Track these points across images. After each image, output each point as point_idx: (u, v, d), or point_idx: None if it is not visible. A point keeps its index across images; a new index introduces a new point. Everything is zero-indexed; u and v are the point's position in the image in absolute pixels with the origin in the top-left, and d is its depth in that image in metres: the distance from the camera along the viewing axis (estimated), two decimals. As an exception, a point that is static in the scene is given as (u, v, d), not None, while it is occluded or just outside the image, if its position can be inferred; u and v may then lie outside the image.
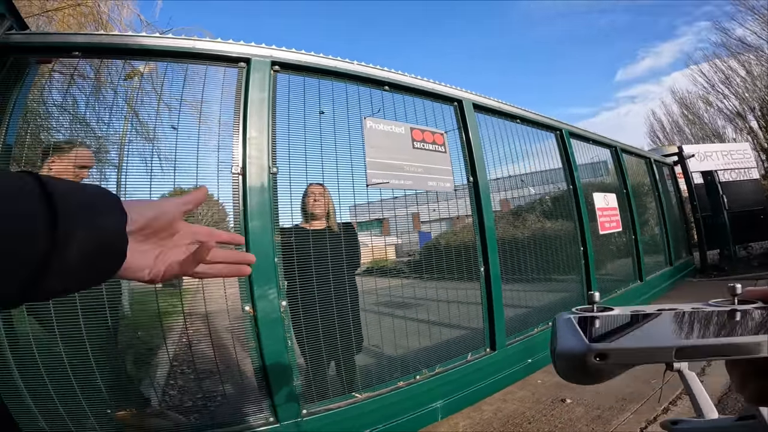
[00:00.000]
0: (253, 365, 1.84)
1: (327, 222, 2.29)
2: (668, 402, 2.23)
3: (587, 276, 3.78)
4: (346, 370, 2.09)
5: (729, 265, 6.72)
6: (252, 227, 1.84)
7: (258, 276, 1.83)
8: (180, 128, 1.81)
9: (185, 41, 1.84)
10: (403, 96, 2.49)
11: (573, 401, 2.41)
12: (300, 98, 2.05)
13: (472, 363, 2.53)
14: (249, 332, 1.82)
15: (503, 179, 3.22)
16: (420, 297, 2.47)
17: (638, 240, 4.95)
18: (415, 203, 2.52)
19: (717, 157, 7.26)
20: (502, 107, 3.19)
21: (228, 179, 1.89)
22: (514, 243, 3.17)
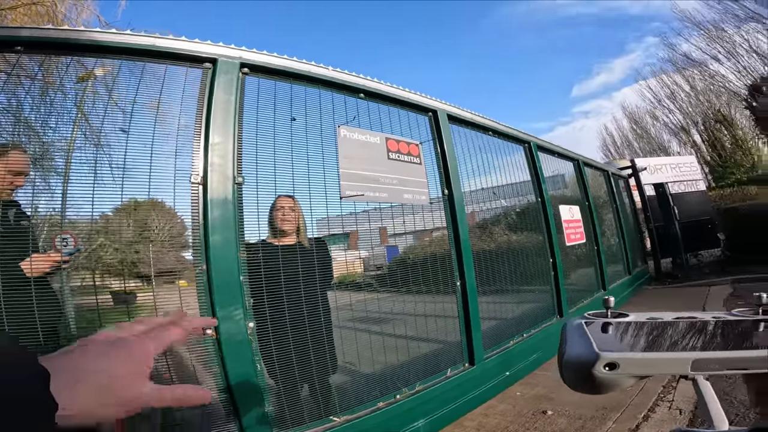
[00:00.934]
0: (218, 391, 1.64)
1: (297, 237, 2.14)
2: (647, 409, 2.24)
3: (557, 287, 3.84)
4: (322, 392, 1.93)
5: (682, 272, 7.14)
6: (213, 242, 1.66)
7: (220, 296, 1.65)
8: (134, 133, 1.62)
9: (145, 38, 1.66)
10: (378, 104, 2.41)
11: (554, 413, 2.37)
12: (270, 103, 1.92)
13: (452, 379, 2.44)
14: (212, 356, 1.63)
15: (476, 192, 3.20)
16: (396, 312, 2.37)
17: (601, 250, 5.13)
18: (391, 216, 2.43)
19: (666, 169, 7.77)
20: (476, 119, 3.19)
21: (186, 189, 1.71)
22: (487, 255, 3.15)
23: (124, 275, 1.93)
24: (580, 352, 0.42)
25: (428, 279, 2.51)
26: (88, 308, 1.76)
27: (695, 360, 0.38)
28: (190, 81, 1.75)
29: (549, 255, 3.84)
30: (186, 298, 1.69)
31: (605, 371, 0.39)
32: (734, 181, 13.47)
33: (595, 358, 0.39)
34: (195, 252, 1.69)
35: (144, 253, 2.42)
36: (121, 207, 1.76)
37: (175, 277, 2.00)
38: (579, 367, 0.41)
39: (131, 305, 1.76)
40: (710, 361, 0.38)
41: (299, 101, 2.02)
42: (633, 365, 0.39)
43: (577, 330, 0.45)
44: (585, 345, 0.42)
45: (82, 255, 1.78)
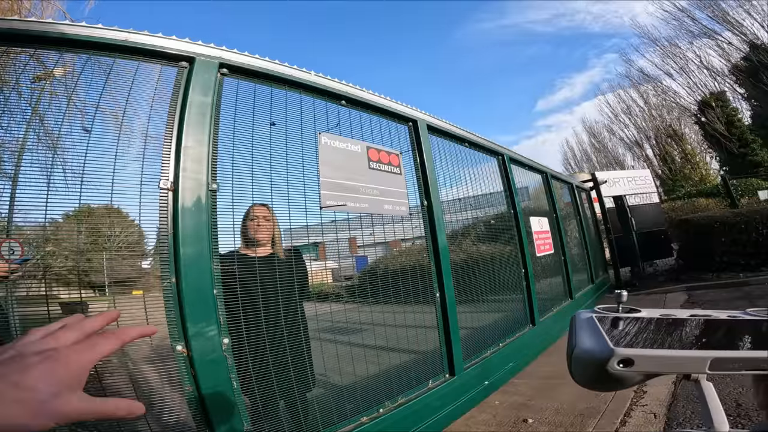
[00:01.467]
0: (192, 411, 1.51)
1: (272, 248, 2.04)
2: (623, 414, 2.29)
3: (529, 296, 3.92)
4: (303, 410, 1.82)
5: (639, 281, 7.53)
6: (184, 253, 1.54)
7: (192, 311, 1.52)
8: (98, 133, 1.48)
9: (117, 33, 1.54)
10: (359, 112, 2.38)
11: (535, 420, 2.38)
12: (249, 107, 1.83)
13: (434, 390, 2.40)
14: (184, 375, 1.49)
15: (452, 202, 3.22)
16: (375, 323, 2.30)
17: (567, 261, 5.32)
18: (371, 226, 2.37)
19: (624, 182, 8.24)
20: (454, 130, 3.23)
21: (154, 195, 1.58)
22: (463, 266, 3.16)
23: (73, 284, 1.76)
24: (592, 347, 0.40)
25: (408, 290, 2.47)
26: (34, 319, 1.59)
27: (714, 359, 0.37)
28: (164, 80, 1.63)
29: (521, 265, 3.92)
30: (153, 313, 1.55)
31: (620, 368, 0.38)
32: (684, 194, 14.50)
33: (610, 354, 0.38)
34: (163, 263, 1.56)
35: (97, 262, 2.22)
36: (73, 213, 1.61)
37: (131, 287, 1.85)
38: (591, 362, 0.39)
39: (83, 312, 1.60)
40: (730, 361, 0.38)
41: (279, 106, 1.95)
42: (649, 362, 0.38)
43: (587, 323, 0.43)
44: (598, 340, 0.40)
45: (30, 264, 1.61)
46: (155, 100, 1.61)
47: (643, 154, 20.99)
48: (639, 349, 0.39)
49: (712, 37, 17.61)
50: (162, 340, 1.56)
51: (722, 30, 17.35)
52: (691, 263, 7.21)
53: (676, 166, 19.41)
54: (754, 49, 16.39)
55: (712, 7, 17.17)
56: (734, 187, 10.88)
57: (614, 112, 21.98)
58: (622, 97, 21.37)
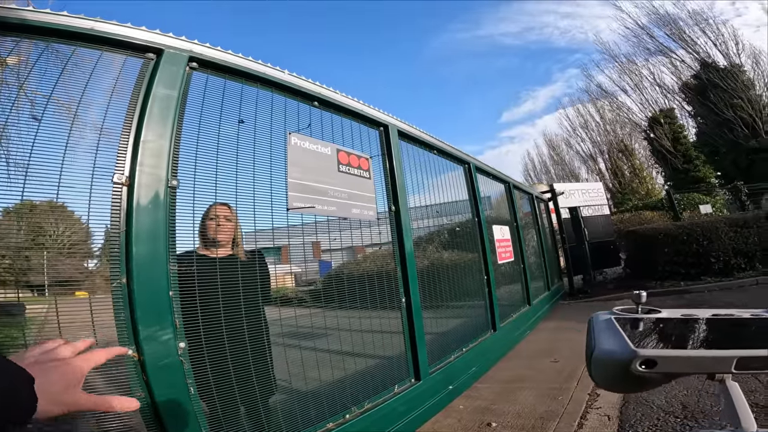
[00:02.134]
0: (144, 419, 1.40)
1: (233, 249, 1.95)
2: (579, 417, 2.39)
3: (491, 302, 4.02)
4: (266, 416, 1.75)
5: (591, 288, 7.96)
6: (137, 252, 1.44)
7: (144, 314, 1.42)
8: (47, 123, 1.37)
9: (83, 21, 1.44)
10: (331, 114, 2.36)
11: (498, 424, 2.43)
12: (217, 103, 1.76)
13: (400, 395, 2.40)
14: (134, 380, 1.39)
15: (419, 208, 3.26)
16: (341, 328, 2.26)
17: (526, 268, 5.53)
18: (338, 230, 2.34)
19: (578, 194, 8.72)
20: (424, 137, 3.28)
21: (106, 189, 1.47)
22: (428, 272, 3.20)
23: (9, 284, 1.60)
24: (613, 349, 0.40)
25: (374, 295, 2.46)
26: None
27: (740, 358, 0.37)
28: (126, 71, 1.54)
29: (484, 272, 4.03)
30: (100, 315, 1.43)
31: (642, 369, 0.37)
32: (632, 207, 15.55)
33: (632, 356, 0.38)
34: (112, 262, 1.45)
35: (37, 261, 2.03)
36: (13, 208, 1.47)
37: (74, 288, 1.71)
38: (613, 364, 0.39)
39: (17, 317, 1.46)
40: (757, 360, 0.37)
41: (250, 104, 1.89)
42: (673, 363, 0.38)
43: (606, 325, 0.43)
44: (619, 341, 0.40)
45: None
46: (115, 91, 1.51)
47: (596, 168, 22.33)
48: (662, 349, 0.39)
49: (666, 55, 18.97)
50: (109, 344, 1.45)
51: (677, 48, 18.70)
52: (637, 272, 7.74)
53: (625, 179, 20.81)
54: (704, 67, 17.83)
55: (671, 25, 18.52)
56: (677, 201, 11.82)
57: (573, 126, 23.25)
58: (581, 111, 22.62)
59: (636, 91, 20.05)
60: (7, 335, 1.40)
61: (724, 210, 11.69)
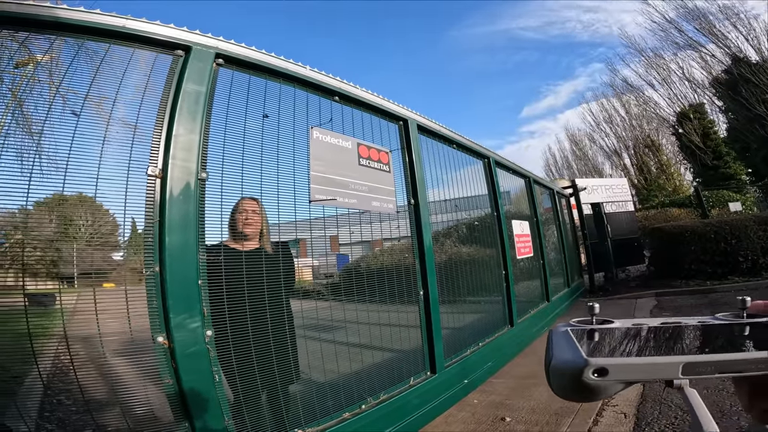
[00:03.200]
0: (171, 405, 1.48)
1: (260, 241, 2.02)
2: (595, 414, 2.38)
3: (508, 298, 4.00)
4: (287, 404, 1.82)
5: (612, 286, 7.79)
6: (169, 243, 1.52)
7: (175, 302, 1.50)
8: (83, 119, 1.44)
9: (115, 19, 1.51)
10: (351, 109, 2.38)
11: (512, 419, 2.45)
12: (243, 98, 1.81)
13: (415, 387, 2.44)
14: (163, 367, 1.47)
15: (439, 202, 3.26)
16: (359, 321, 2.31)
17: (546, 264, 5.46)
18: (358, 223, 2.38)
19: (602, 190, 8.50)
20: (443, 131, 3.27)
21: (141, 182, 1.55)
22: (446, 266, 3.21)
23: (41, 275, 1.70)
24: (567, 359, 0.41)
25: (392, 288, 2.49)
26: None
27: (686, 364, 0.39)
28: (158, 68, 1.60)
29: (502, 267, 4.01)
30: (134, 303, 1.51)
31: (595, 377, 0.38)
32: (658, 204, 15.04)
33: (584, 365, 0.38)
34: (147, 251, 1.53)
35: (67, 252, 2.14)
36: (48, 201, 1.56)
37: (103, 279, 1.80)
38: (567, 374, 0.40)
39: (49, 307, 1.55)
40: (701, 365, 0.39)
41: (273, 99, 1.93)
42: (623, 371, 0.39)
43: (563, 336, 0.44)
44: (572, 351, 0.41)
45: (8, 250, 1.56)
46: (148, 87, 1.58)
47: (621, 163, 21.64)
48: (612, 358, 0.40)
49: (696, 49, 18.15)
50: (141, 331, 1.53)
51: (707, 42, 17.88)
52: (661, 270, 7.51)
53: (651, 176, 20.11)
54: (736, 62, 16.98)
55: (700, 19, 17.71)
56: (706, 199, 11.38)
57: (596, 121, 22.55)
58: (605, 106, 21.92)
59: (664, 85, 19.27)
60: (38, 324, 1.48)
61: (754, 208, 11.18)
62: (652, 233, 8.02)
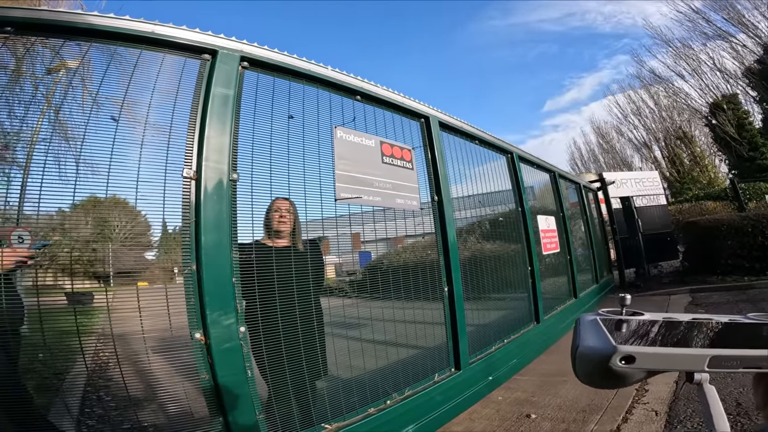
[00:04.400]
0: (206, 399, 1.55)
1: (292, 239, 2.08)
2: (625, 411, 2.33)
3: (534, 294, 3.94)
4: (314, 399, 1.88)
5: (644, 282, 7.52)
6: (205, 242, 1.59)
7: (212, 299, 1.56)
8: (123, 122, 1.53)
9: (144, 24, 1.58)
10: (373, 108, 2.41)
11: (538, 416, 2.42)
12: (268, 100, 1.86)
13: (440, 384, 2.45)
14: (200, 363, 1.54)
15: (462, 199, 3.24)
16: (385, 318, 2.34)
17: (573, 260, 5.33)
18: (383, 221, 2.40)
19: (631, 184, 8.20)
20: (465, 127, 3.25)
21: (177, 184, 1.62)
22: (471, 262, 3.20)
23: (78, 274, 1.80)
24: (596, 345, 0.42)
25: (417, 285, 2.51)
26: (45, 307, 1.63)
27: (713, 357, 0.39)
28: (187, 72, 1.67)
29: (528, 263, 3.95)
30: (174, 300, 1.59)
31: (622, 364, 0.40)
32: (692, 197, 14.39)
33: (612, 351, 0.40)
34: (185, 251, 1.60)
35: (104, 252, 2.25)
36: (86, 203, 1.65)
37: (137, 278, 1.89)
38: (595, 360, 0.41)
39: (87, 305, 1.64)
40: (727, 359, 0.39)
41: (297, 99, 1.98)
42: (650, 359, 0.40)
43: (591, 325, 0.45)
44: (601, 338, 0.42)
45: (46, 250, 1.66)
46: (179, 91, 1.65)
47: (651, 156, 20.77)
48: (640, 346, 0.41)
49: (726, 39, 17.28)
50: (178, 328, 1.59)
51: (737, 32, 17.02)
52: (696, 266, 7.19)
53: (684, 168, 19.21)
54: None
55: (728, 9, 16.85)
56: (742, 191, 10.78)
57: (624, 113, 21.72)
58: (632, 97, 21.09)
59: (694, 76, 18.36)
60: (79, 322, 1.55)
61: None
62: (685, 227, 7.69)
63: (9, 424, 1.40)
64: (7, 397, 1.45)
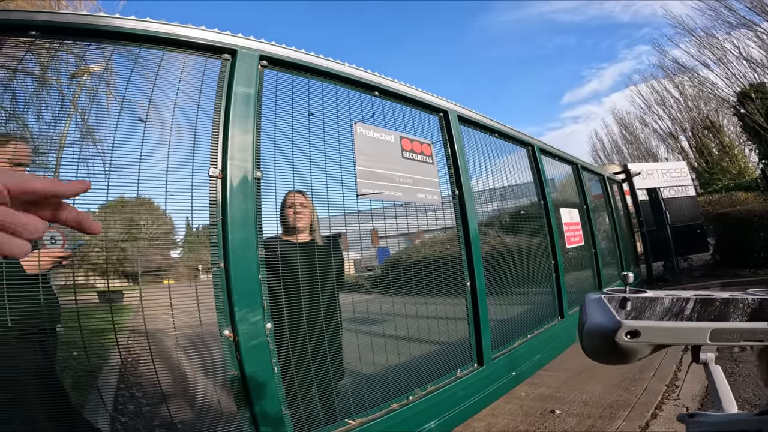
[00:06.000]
0: (234, 395, 1.59)
1: (311, 234, 2.10)
2: (654, 407, 2.27)
3: (558, 288, 3.87)
4: (337, 394, 1.90)
5: (672, 275, 7.27)
6: (232, 240, 1.62)
7: (240, 296, 1.60)
8: (150, 123, 1.57)
9: (164, 26, 1.61)
10: (392, 103, 2.39)
11: (562, 412, 2.39)
12: (288, 98, 1.88)
13: (462, 379, 2.43)
14: (229, 359, 1.58)
15: (482, 192, 3.20)
16: (406, 313, 2.34)
17: (598, 253, 5.20)
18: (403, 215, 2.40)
19: (658, 175, 7.91)
20: (483, 120, 3.20)
21: (204, 183, 1.65)
22: (493, 256, 3.16)
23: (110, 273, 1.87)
24: (601, 321, 0.43)
25: (439, 279, 2.50)
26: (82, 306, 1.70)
27: (714, 330, 0.40)
28: (209, 72, 1.70)
29: (551, 257, 3.87)
30: (203, 298, 1.63)
31: (627, 339, 0.40)
32: (721, 187, 13.80)
33: (618, 326, 0.40)
34: (213, 248, 1.64)
35: (133, 251, 2.32)
36: (113, 203, 1.70)
37: (164, 276, 1.94)
38: (601, 335, 0.42)
39: (116, 303, 1.70)
40: (728, 332, 0.40)
41: (316, 97, 1.99)
42: (654, 333, 0.41)
43: (597, 302, 0.46)
44: (607, 315, 0.43)
45: (82, 250, 1.72)
46: (202, 91, 1.68)
47: (678, 146, 19.99)
48: (645, 321, 0.41)
49: (751, 28, 16.48)
50: (207, 326, 1.63)
51: (761, 21, 16.20)
52: (727, 258, 6.90)
53: (713, 158, 18.42)
54: None
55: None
56: (774, 181, 10.27)
57: (647, 103, 20.95)
58: (656, 87, 20.31)
59: (719, 65, 17.52)
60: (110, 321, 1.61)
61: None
62: (716, 219, 7.39)
63: (48, 422, 1.46)
64: (46, 395, 1.51)
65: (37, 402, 1.50)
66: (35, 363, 1.52)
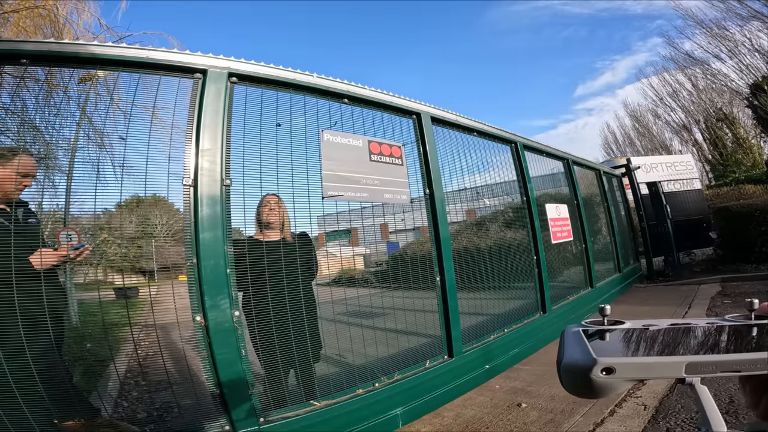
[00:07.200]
0: (206, 375, 1.81)
1: (281, 232, 2.31)
2: (614, 405, 2.37)
3: (540, 284, 3.96)
4: (304, 378, 2.09)
5: (673, 270, 7.22)
6: (203, 239, 1.82)
7: (209, 287, 1.81)
8: (132, 137, 1.78)
9: (139, 51, 1.81)
10: (362, 109, 2.55)
11: (528, 405, 2.51)
12: (257, 110, 2.06)
13: (431, 370, 2.59)
14: (201, 342, 1.79)
15: (459, 191, 3.33)
16: (383, 306, 2.51)
17: (588, 248, 5.24)
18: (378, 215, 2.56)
19: (661, 168, 7.83)
20: (459, 120, 3.32)
21: (179, 190, 1.87)
22: (469, 253, 3.28)
23: (126, 270, 2.12)
24: (577, 358, 0.43)
25: (412, 275, 2.65)
26: (90, 302, 1.95)
27: (689, 363, 0.40)
28: (182, 90, 1.90)
29: (533, 252, 3.97)
30: (178, 290, 1.85)
31: (602, 375, 0.41)
32: (732, 180, 13.47)
33: (593, 363, 0.41)
34: (187, 247, 1.85)
35: (146, 249, 2.62)
36: (123, 204, 1.92)
37: (176, 272, 2.17)
38: (577, 372, 0.42)
39: (131, 299, 1.93)
40: (703, 364, 0.40)
41: (285, 107, 2.17)
42: (629, 369, 0.41)
43: (574, 337, 0.47)
44: (582, 351, 0.43)
45: (87, 249, 1.94)
46: (177, 107, 1.89)
47: (691, 138, 19.49)
48: (619, 357, 0.42)
49: (762, 21, 16.00)
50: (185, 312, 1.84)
51: None
52: (729, 253, 6.83)
53: (727, 150, 17.92)
54: None
55: None
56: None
57: (659, 96, 20.46)
58: (668, 80, 19.84)
59: (732, 57, 17.05)
60: (122, 315, 1.84)
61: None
62: (717, 213, 7.28)
63: (53, 405, 1.67)
64: (51, 377, 1.73)
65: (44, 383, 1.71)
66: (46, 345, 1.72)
